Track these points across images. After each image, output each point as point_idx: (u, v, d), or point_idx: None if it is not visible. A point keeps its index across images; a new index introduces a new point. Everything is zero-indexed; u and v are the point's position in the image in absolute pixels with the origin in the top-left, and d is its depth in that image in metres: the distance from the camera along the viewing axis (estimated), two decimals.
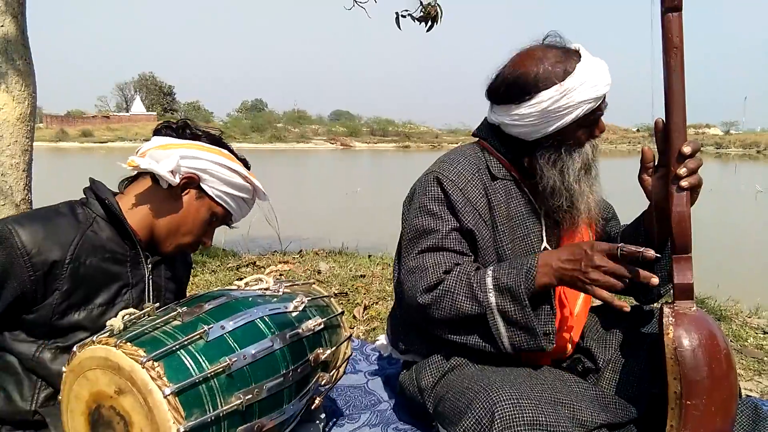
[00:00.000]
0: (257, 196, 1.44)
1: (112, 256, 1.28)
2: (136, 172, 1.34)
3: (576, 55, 1.40)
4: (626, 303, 1.22)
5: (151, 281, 1.35)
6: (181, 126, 1.35)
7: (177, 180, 1.28)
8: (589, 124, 1.42)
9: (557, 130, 1.39)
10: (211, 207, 1.36)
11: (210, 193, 1.34)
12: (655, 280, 1.19)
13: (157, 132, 1.37)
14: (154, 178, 1.30)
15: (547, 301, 1.34)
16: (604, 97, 1.39)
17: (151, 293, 1.34)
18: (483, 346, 1.36)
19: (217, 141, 1.38)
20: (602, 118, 1.45)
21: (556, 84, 1.35)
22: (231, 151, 1.40)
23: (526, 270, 1.30)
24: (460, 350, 1.44)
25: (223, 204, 1.36)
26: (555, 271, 1.28)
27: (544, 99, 1.35)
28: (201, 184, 1.33)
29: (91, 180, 1.36)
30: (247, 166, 1.42)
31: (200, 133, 1.36)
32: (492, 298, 1.31)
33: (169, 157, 1.26)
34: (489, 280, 1.33)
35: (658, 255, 1.20)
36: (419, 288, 1.38)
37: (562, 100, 1.34)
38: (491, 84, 1.46)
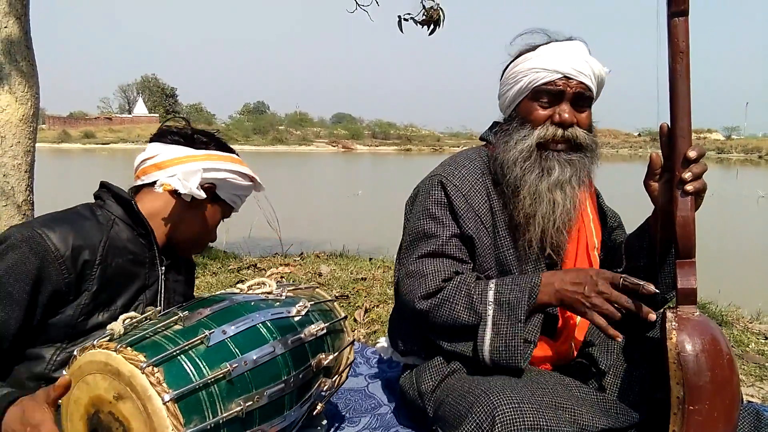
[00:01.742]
0: (255, 190, 1.49)
1: (134, 258, 1.30)
2: (147, 180, 1.35)
3: (560, 41, 1.44)
4: (618, 333, 1.23)
5: (163, 283, 1.37)
6: (189, 134, 1.38)
7: (203, 194, 1.33)
8: (544, 101, 1.40)
9: (514, 103, 1.46)
10: (223, 210, 1.43)
11: (223, 197, 1.40)
12: (653, 316, 1.22)
13: (160, 138, 1.37)
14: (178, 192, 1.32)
15: (539, 313, 1.36)
16: (567, 79, 1.38)
17: (163, 295, 1.36)
18: (468, 353, 1.38)
19: (223, 146, 1.42)
20: (576, 113, 1.40)
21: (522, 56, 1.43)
22: (231, 149, 1.44)
23: (530, 288, 1.33)
24: (459, 354, 1.44)
25: (232, 205, 1.44)
26: (557, 292, 1.32)
27: (508, 68, 1.47)
28: (216, 191, 1.38)
29: (104, 183, 1.37)
30: (232, 151, 1.45)
31: (206, 139, 1.39)
32: (490, 311, 1.34)
33: (195, 174, 1.31)
34: (490, 294, 1.36)
35: (657, 291, 1.24)
36: (418, 294, 1.40)
37: (516, 67, 1.43)
38: None
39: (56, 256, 1.16)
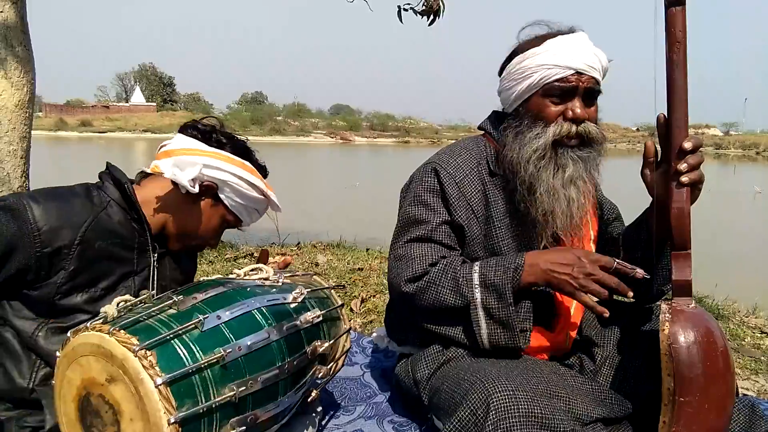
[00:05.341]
0: (270, 207, 1.48)
1: (121, 241, 1.29)
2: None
3: (564, 33, 1.42)
4: (605, 309, 1.29)
5: (155, 270, 1.36)
6: (208, 131, 1.37)
7: (196, 189, 1.31)
8: (556, 97, 1.39)
9: (522, 99, 1.44)
10: (224, 215, 1.40)
11: (225, 202, 1.38)
12: (631, 294, 1.31)
13: (183, 130, 1.39)
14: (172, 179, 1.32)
15: (528, 299, 1.37)
16: (579, 75, 1.36)
17: (154, 282, 1.36)
18: (461, 338, 1.40)
19: (240, 151, 1.40)
20: (585, 108, 1.39)
21: (528, 50, 1.41)
22: (252, 159, 1.42)
23: (513, 269, 1.34)
24: (455, 342, 1.44)
25: (236, 213, 1.40)
26: (543, 272, 1.33)
27: (514, 63, 1.43)
28: (218, 193, 1.36)
29: (109, 164, 1.37)
30: (265, 173, 1.45)
31: (225, 141, 1.38)
32: (477, 294, 1.35)
33: (193, 166, 1.30)
34: (475, 276, 1.36)
35: (647, 276, 1.30)
36: (404, 276, 1.41)
37: (524, 62, 1.41)
38: None
39: (33, 228, 1.17)
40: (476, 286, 1.35)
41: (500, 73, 1.51)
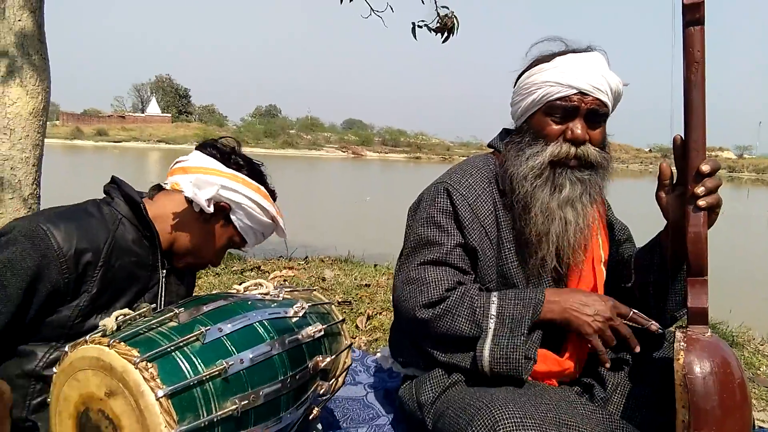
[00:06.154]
0: (276, 232, 1.47)
1: (138, 260, 1.28)
2: (170, 180, 1.35)
3: (578, 51, 1.40)
4: (608, 359, 1.33)
5: (164, 287, 1.35)
6: (227, 152, 1.38)
7: (211, 209, 1.31)
8: (557, 116, 1.37)
9: (526, 115, 1.43)
10: (232, 236, 1.40)
11: (236, 224, 1.38)
12: (638, 349, 1.32)
13: (201, 148, 1.39)
14: (188, 197, 1.31)
15: (539, 327, 1.35)
16: (582, 95, 1.34)
17: (163, 298, 1.35)
18: (464, 364, 1.37)
19: (256, 175, 1.40)
20: (589, 129, 1.36)
21: (538, 65, 1.40)
22: (266, 183, 1.43)
23: (534, 305, 1.33)
24: (459, 369, 1.41)
25: (244, 235, 1.41)
26: (564, 311, 1.33)
27: (523, 77, 1.43)
28: (230, 214, 1.36)
29: (115, 179, 1.35)
30: (274, 197, 1.45)
31: (243, 164, 1.38)
32: (492, 324, 1.33)
33: (211, 186, 1.30)
34: (493, 307, 1.34)
35: (661, 329, 1.34)
36: (419, 302, 1.38)
37: (531, 77, 1.40)
38: None
39: (58, 255, 1.14)
40: (492, 316, 1.33)
41: (515, 85, 1.50)
